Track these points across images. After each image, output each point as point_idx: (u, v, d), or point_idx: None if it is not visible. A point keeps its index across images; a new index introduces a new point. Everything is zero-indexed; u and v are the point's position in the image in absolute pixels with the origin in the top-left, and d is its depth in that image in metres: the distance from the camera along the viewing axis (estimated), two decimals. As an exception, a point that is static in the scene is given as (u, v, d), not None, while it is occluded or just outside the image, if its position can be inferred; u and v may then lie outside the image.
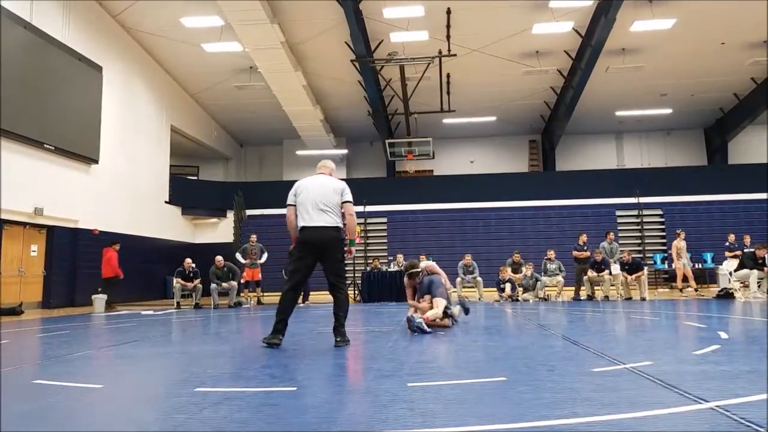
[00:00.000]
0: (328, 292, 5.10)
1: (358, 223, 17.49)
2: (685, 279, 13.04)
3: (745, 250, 12.40)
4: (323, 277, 5.04)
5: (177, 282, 12.52)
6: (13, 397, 3.08)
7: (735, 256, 12.81)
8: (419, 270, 6.51)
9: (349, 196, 5.07)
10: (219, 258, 12.77)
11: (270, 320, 5.07)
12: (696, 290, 13.29)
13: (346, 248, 5.09)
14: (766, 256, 11.29)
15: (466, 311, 7.21)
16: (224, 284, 12.50)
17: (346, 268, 5.48)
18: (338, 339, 4.88)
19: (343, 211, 5.05)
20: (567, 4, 14.58)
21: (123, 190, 15.96)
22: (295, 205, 5.08)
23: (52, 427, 2.43)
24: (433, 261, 14.26)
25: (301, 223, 4.97)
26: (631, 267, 12.13)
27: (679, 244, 13.08)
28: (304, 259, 4.97)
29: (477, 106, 20.35)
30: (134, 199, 16.59)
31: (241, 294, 13.87)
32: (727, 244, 13.45)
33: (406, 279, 6.64)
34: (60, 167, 13.27)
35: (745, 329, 5.86)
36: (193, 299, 12.63)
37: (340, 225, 4.99)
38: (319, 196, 4.97)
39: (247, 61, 17.00)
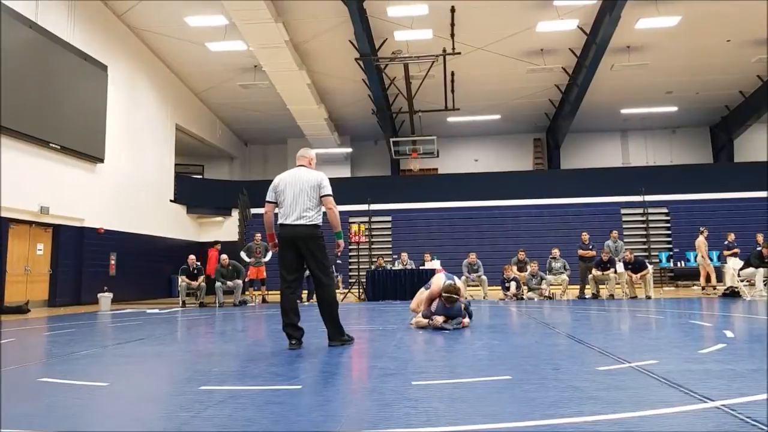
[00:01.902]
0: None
1: (362, 222, 17.46)
2: (708, 278, 13.03)
3: (757, 249, 12.32)
4: None
5: (182, 281, 12.57)
6: (19, 395, 3.10)
7: (733, 255, 12.76)
8: (457, 299, 6.27)
9: (327, 190, 4.85)
10: (224, 256, 12.81)
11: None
12: (703, 288, 13.25)
13: (335, 242, 4.96)
14: (772, 254, 11.23)
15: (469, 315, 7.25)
16: (229, 283, 12.53)
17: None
18: (336, 341, 4.80)
19: (322, 206, 4.89)
20: (571, 2, 14.51)
21: (128, 188, 16.01)
22: (274, 202, 4.94)
23: (58, 425, 2.44)
24: (438, 261, 14.25)
25: (280, 220, 4.85)
26: (634, 266, 12.08)
27: (703, 241, 13.04)
28: (287, 258, 4.83)
29: (481, 104, 20.30)
30: (139, 198, 16.65)
31: (246, 292, 13.90)
32: (726, 243, 13.36)
33: (440, 295, 6.15)
34: (65, 166, 13.33)
35: (750, 328, 5.83)
36: (198, 298, 12.68)
37: (319, 222, 4.83)
38: (297, 192, 4.80)
39: (252, 60, 17.02)
